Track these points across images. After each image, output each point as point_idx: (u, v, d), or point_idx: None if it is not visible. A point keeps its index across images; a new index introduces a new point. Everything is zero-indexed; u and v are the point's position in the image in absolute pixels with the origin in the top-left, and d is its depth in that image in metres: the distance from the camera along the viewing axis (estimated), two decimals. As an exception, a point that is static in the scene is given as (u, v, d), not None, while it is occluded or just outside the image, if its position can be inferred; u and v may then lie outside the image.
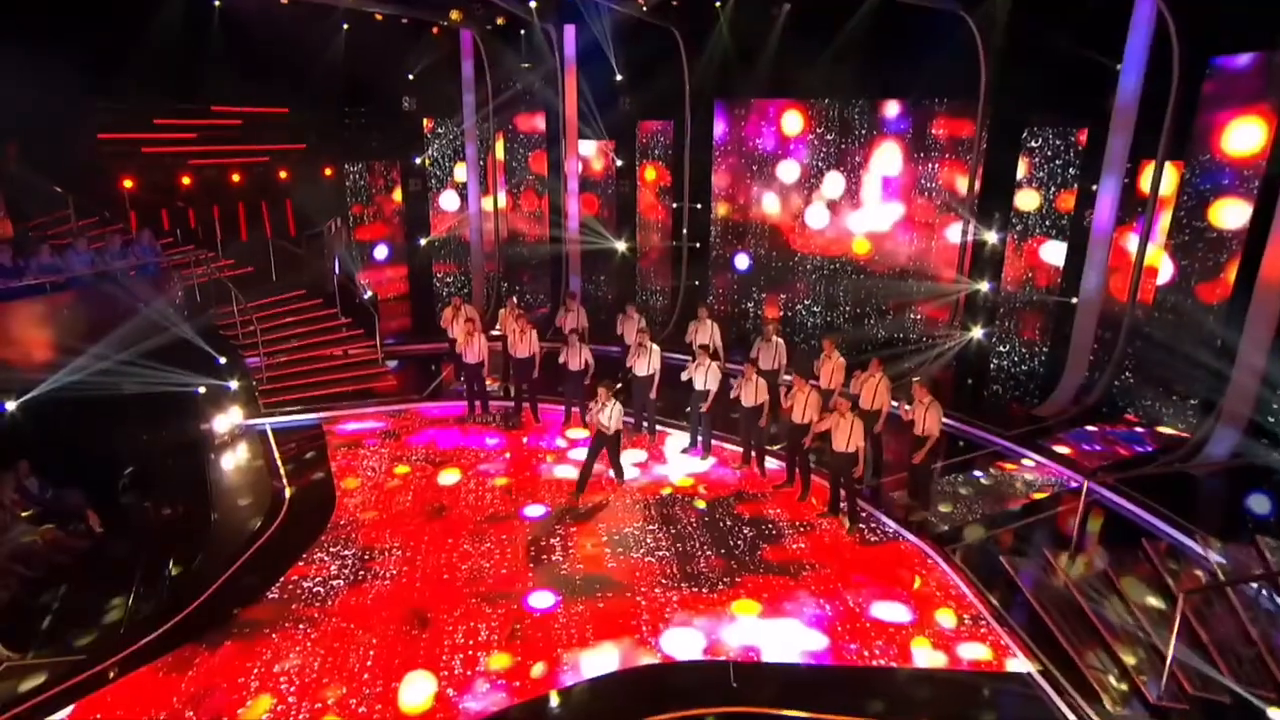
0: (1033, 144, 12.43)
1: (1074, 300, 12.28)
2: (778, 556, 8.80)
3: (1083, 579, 7.69)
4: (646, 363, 11.27)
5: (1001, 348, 13.38)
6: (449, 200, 17.43)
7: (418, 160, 16.95)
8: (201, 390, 11.82)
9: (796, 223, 15.45)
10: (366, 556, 8.79)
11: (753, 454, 10.75)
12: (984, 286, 13.36)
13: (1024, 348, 13.17)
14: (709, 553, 8.87)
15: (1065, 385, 11.81)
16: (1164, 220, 10.97)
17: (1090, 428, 11.28)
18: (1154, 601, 7.40)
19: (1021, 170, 12.59)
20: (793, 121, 15.03)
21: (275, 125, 16.38)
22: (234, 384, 12.30)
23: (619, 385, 12.92)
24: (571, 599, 8.06)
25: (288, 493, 10.10)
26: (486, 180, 16.64)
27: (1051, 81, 11.48)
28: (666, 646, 7.40)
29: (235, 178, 16.31)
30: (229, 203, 16.02)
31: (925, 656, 7.28)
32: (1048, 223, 12.56)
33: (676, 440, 11.59)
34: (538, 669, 7.12)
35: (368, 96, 16.13)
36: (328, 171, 17.03)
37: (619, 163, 16.41)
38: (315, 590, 8.20)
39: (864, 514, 9.45)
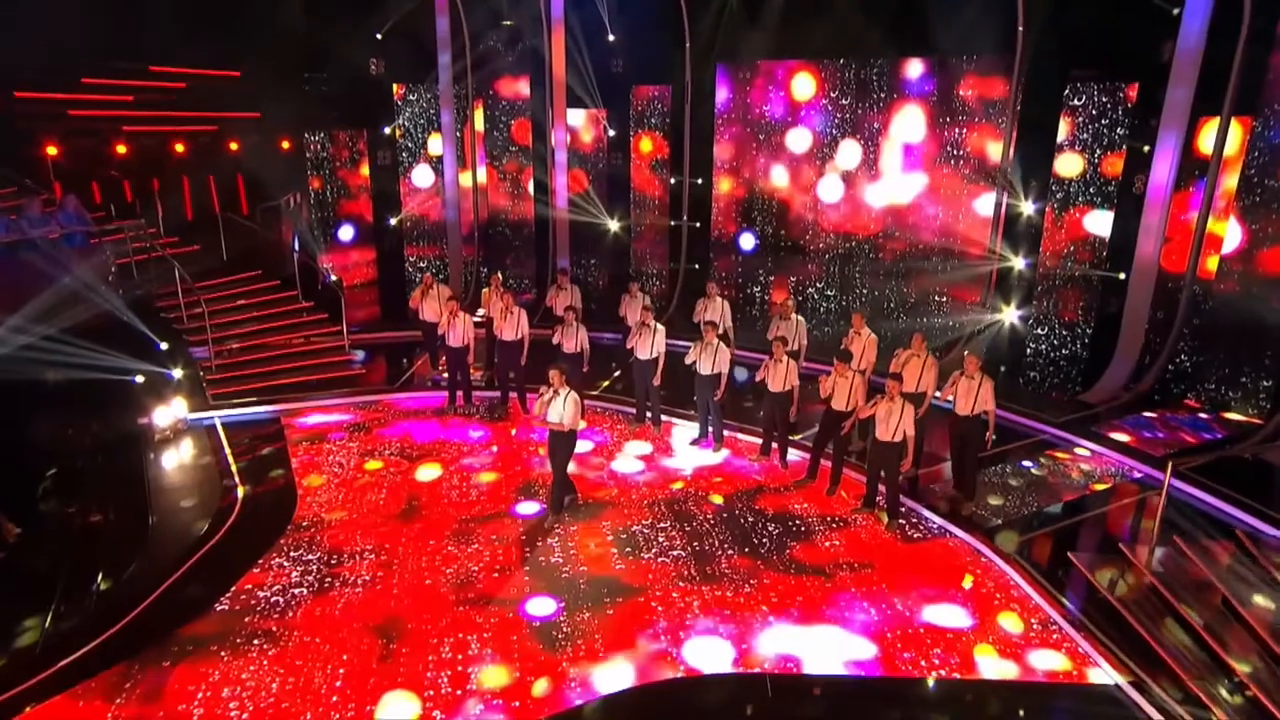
0: (1075, 102, 11.98)
1: (1121, 276, 11.81)
2: (810, 556, 8.21)
3: (1171, 577, 7.12)
4: (650, 345, 10.63)
5: (1039, 330, 12.89)
6: (422, 175, 16.71)
7: (386, 130, 16.23)
8: (139, 379, 11.04)
9: (808, 197, 14.92)
10: (334, 561, 8.08)
11: (774, 445, 10.14)
12: (1019, 263, 12.87)
13: (1064, 330, 12.69)
14: (730, 552, 8.26)
15: (1115, 369, 11.33)
16: (1228, 183, 10.53)
17: (1148, 414, 10.80)
18: (1263, 601, 6.83)
19: (1063, 132, 12.13)
20: (804, 85, 14.52)
21: (225, 90, 15.60)
22: (177, 372, 11.54)
23: (618, 372, 12.31)
24: (576, 605, 7.41)
25: (240, 492, 9.40)
26: (464, 153, 15.95)
27: (1098, 31, 11.04)
28: (690, 658, 6.76)
29: (179, 148, 15.52)
30: (171, 176, 15.24)
31: (992, 666, 6.68)
32: (1092, 189, 12.10)
33: (684, 432, 10.96)
34: (540, 686, 6.43)
35: (330, 59, 15.35)
36: (285, 144, 16.25)
37: (611, 133, 15.80)
38: (273, 600, 7.47)
39: (903, 508, 8.87)
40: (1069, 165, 12.21)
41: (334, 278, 15.90)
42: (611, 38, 15.13)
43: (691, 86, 14.99)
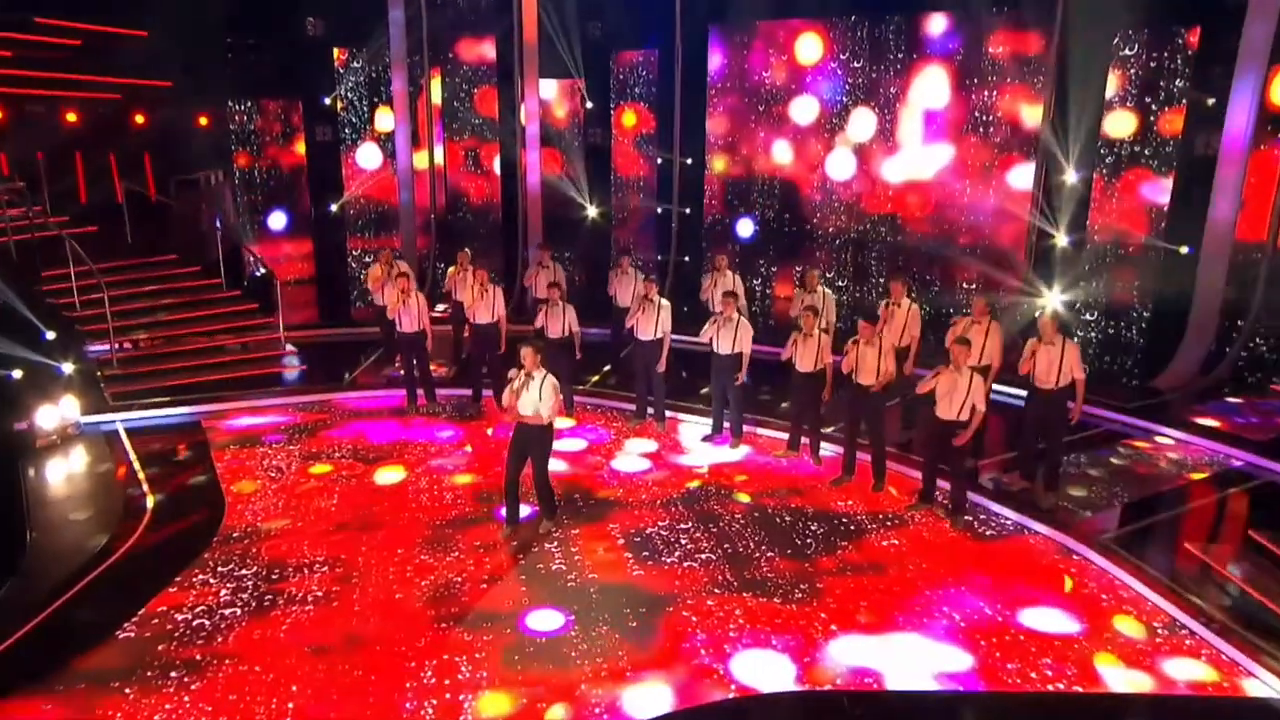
0: (1126, 51, 11.62)
1: (1183, 249, 11.35)
2: (866, 556, 7.38)
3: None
4: (653, 323, 9.78)
5: (1086, 314, 12.37)
6: (368, 155, 15.83)
7: (326, 101, 15.35)
8: (16, 374, 9.87)
9: (815, 175, 14.35)
10: (275, 576, 7.02)
11: (803, 437, 9.32)
12: (1062, 240, 12.37)
13: (1115, 314, 12.19)
14: (770, 554, 7.39)
15: (1187, 352, 10.79)
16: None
17: (1233, 399, 10.27)
18: None
19: (1112, 87, 11.75)
20: (809, 47, 14.06)
21: (129, 52, 14.54)
22: (67, 367, 10.40)
23: (607, 366, 11.41)
24: (589, 617, 6.45)
25: (150, 501, 8.32)
26: (418, 129, 15.10)
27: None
28: (741, 675, 5.83)
29: (70, 117, 14.40)
30: (62, 151, 14.09)
31: (1119, 677, 5.87)
32: (1147, 152, 11.69)
33: (693, 429, 10.09)
34: (556, 713, 5.42)
35: (259, 17, 14.45)
36: (203, 120, 15.24)
37: (589, 105, 15.13)
38: (196, 624, 6.39)
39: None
40: (1120, 124, 11.81)
41: (263, 270, 14.87)
42: (590, -6, 14.55)
43: (683, 50, 14.41)
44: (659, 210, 15.27)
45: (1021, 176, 12.80)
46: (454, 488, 8.64)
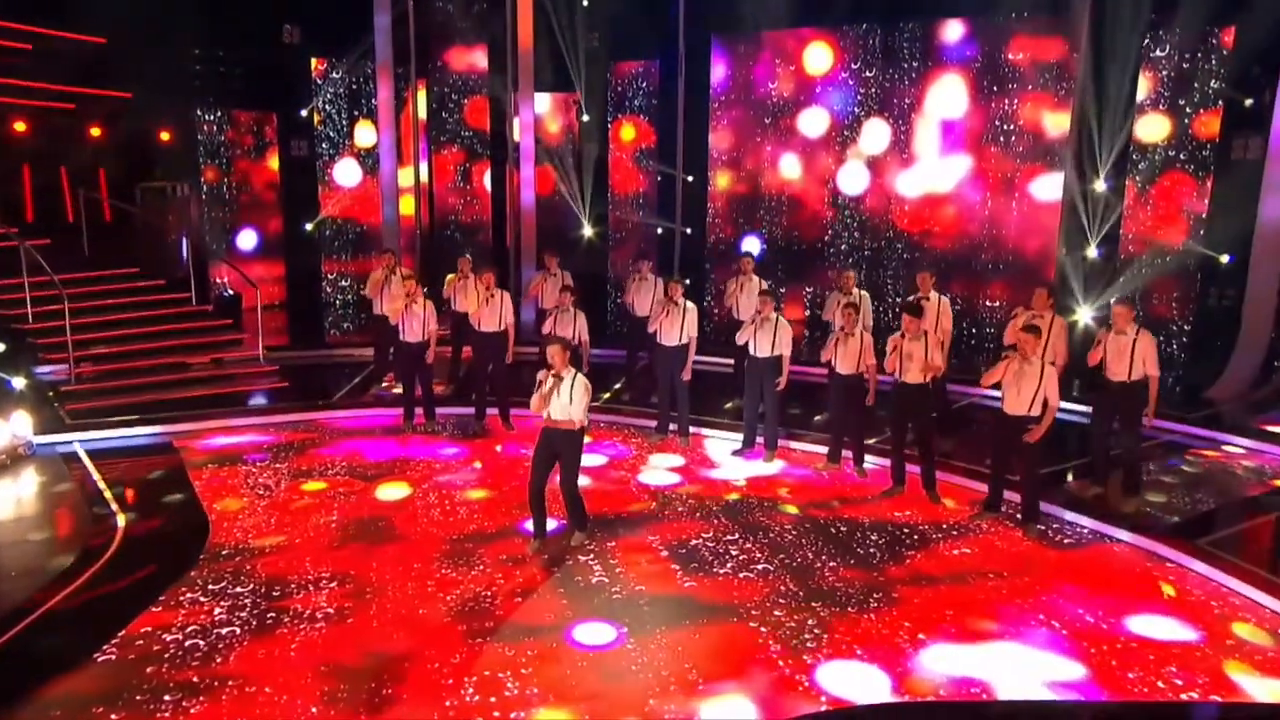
0: (1157, 52, 11.66)
1: (1224, 258, 11.27)
2: (940, 566, 6.94)
3: None
4: (678, 328, 9.39)
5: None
6: (347, 171, 15.40)
7: (303, 113, 14.96)
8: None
9: (826, 190, 14.19)
10: (276, 593, 6.41)
11: (844, 448, 8.91)
12: (1091, 253, 12.25)
13: (1154, 325, 12.02)
14: (833, 564, 6.92)
15: (1239, 361, 10.62)
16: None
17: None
18: None
19: (1143, 89, 11.76)
20: (818, 57, 14.00)
21: (85, 60, 14.07)
22: (18, 381, 9.77)
23: (640, 364, 10.92)
24: (643, 630, 5.92)
25: (121, 520, 7.68)
26: (402, 143, 14.72)
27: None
28: (829, 686, 5.33)
29: (19, 127, 13.87)
30: (9, 161, 13.54)
31: (1260, 687, 5.45)
32: (1182, 156, 11.67)
33: (719, 444, 9.63)
34: (627, 729, 4.87)
35: (232, 25, 14.08)
36: (164, 135, 14.74)
37: (585, 118, 14.90)
38: (190, 644, 5.74)
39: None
40: (1153, 128, 11.80)
41: (230, 292, 14.29)
42: (586, 2, 14.42)
43: (685, 61, 14.29)
44: (659, 230, 14.97)
45: (1047, 187, 12.72)
46: (467, 502, 8.08)
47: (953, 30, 13.18)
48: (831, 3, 13.43)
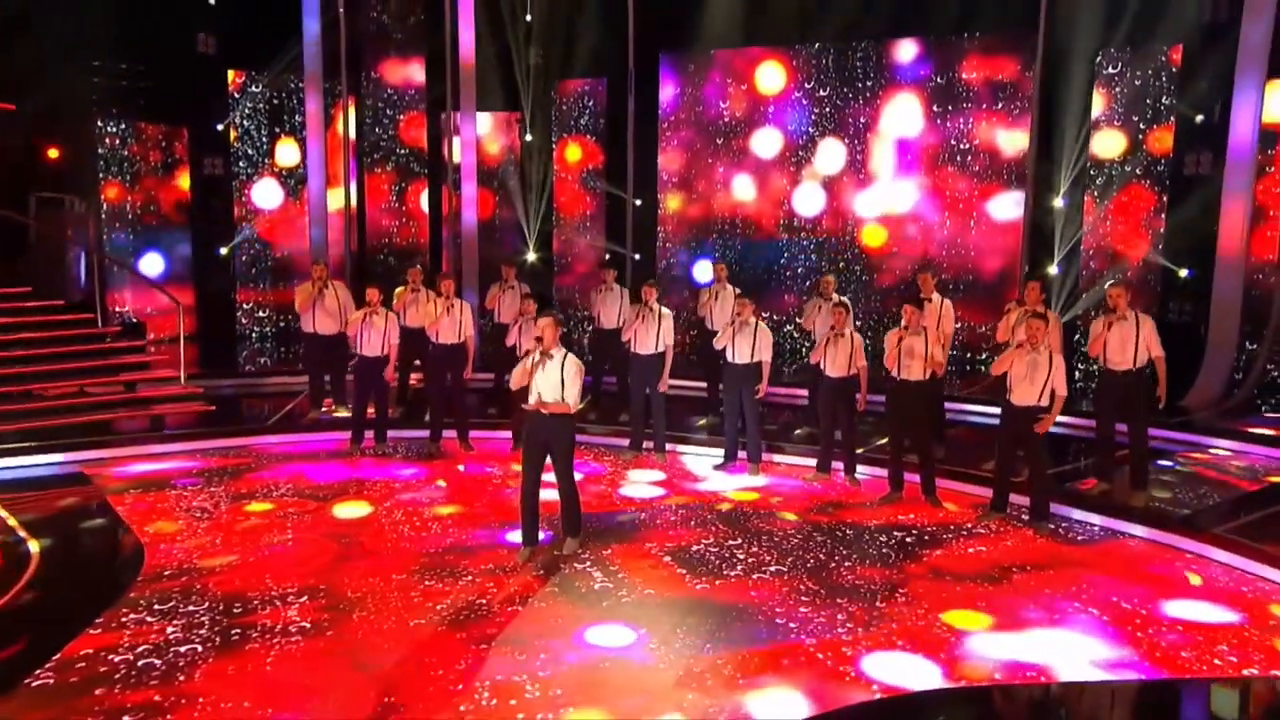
0: (1110, 70, 12.18)
1: (1183, 272, 11.71)
2: (959, 563, 6.82)
3: None
4: (653, 336, 9.20)
5: (1083, 347, 12.51)
6: (266, 192, 14.88)
7: (219, 128, 14.45)
8: None
9: (781, 212, 14.32)
10: (236, 609, 5.87)
11: (833, 457, 8.79)
12: (1053, 270, 12.59)
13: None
14: (847, 563, 6.73)
15: (1211, 367, 10.95)
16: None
17: (1271, 414, 10.44)
18: None
19: (1098, 106, 12.25)
20: (770, 76, 14.23)
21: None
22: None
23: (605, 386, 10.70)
24: (664, 630, 5.60)
25: (34, 546, 6.99)
26: (330, 161, 14.33)
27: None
28: (877, 675, 5.10)
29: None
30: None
31: (1311, 658, 5.44)
32: (1138, 171, 12.14)
33: (698, 460, 9.41)
34: (673, 724, 4.54)
35: (139, 31, 13.50)
36: (53, 153, 13.93)
37: (528, 137, 14.78)
38: (144, 664, 5.19)
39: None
40: (1109, 144, 12.27)
41: (133, 320, 13.52)
42: (529, 17, 14.41)
43: (635, 79, 14.34)
44: (607, 256, 14.83)
45: (1006, 205, 13.09)
46: (439, 518, 7.66)
47: (906, 50, 13.58)
48: (782, 22, 13.77)
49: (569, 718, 4.62)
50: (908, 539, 7.27)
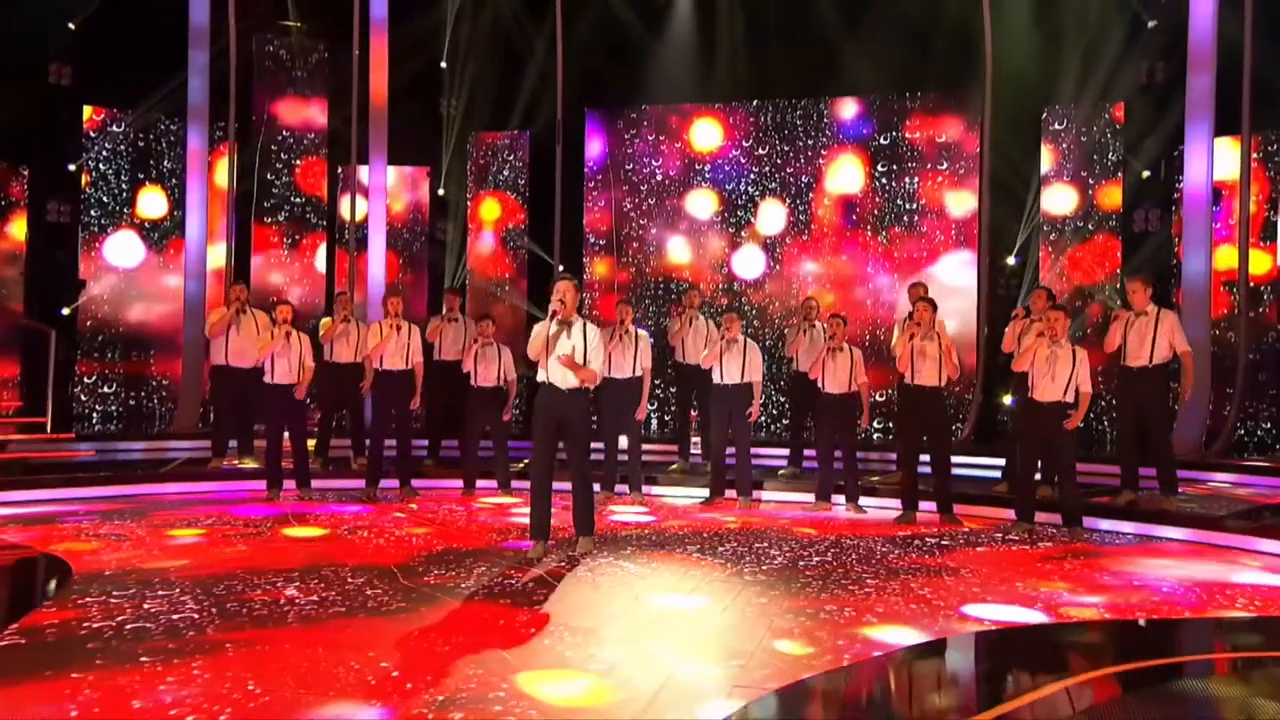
0: (1056, 126, 13.50)
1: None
2: (1004, 556, 7.09)
3: None
4: (630, 358, 9.37)
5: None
6: (123, 247, 14.39)
7: (71, 167, 14.08)
8: None
9: (720, 276, 14.90)
10: (219, 590, 5.55)
11: (834, 484, 9.03)
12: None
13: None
14: (892, 555, 6.97)
15: (1186, 418, 11.82)
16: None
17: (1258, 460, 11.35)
18: None
19: (1047, 162, 13.49)
20: (706, 133, 15.05)
21: None
22: None
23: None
24: (728, 598, 5.64)
25: None
26: (210, 204, 14.09)
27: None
28: (983, 616, 5.29)
29: None
30: None
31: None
32: (1090, 226, 13.33)
33: (677, 501, 9.46)
34: (794, 648, 4.56)
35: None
36: None
37: (440, 191, 15.03)
38: (134, 628, 4.82)
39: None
40: (1060, 200, 13.46)
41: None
42: (444, 64, 14.90)
43: (560, 132, 14.91)
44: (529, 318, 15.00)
45: (955, 266, 14.04)
46: (416, 535, 7.42)
47: (848, 108, 14.68)
48: (715, 79, 14.71)
49: (679, 674, 4.54)
50: (944, 542, 7.51)
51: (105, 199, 14.51)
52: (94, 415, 14.37)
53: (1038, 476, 8.36)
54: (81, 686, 3.93)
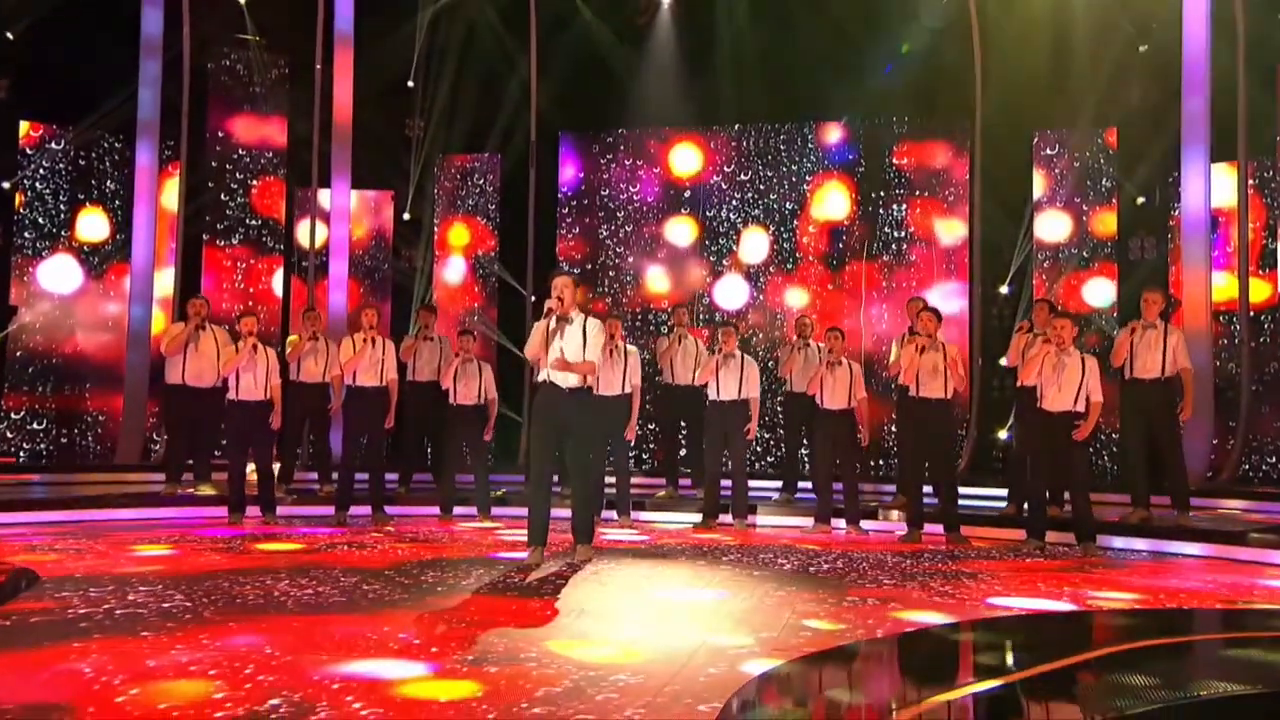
0: (1048, 151, 13.96)
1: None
2: (1021, 566, 7.23)
3: None
4: (620, 374, 9.51)
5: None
6: (59, 272, 14.33)
7: (5, 186, 14.07)
8: None
9: (701, 306, 15.13)
10: (206, 583, 5.55)
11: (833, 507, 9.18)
12: (1004, 361, 13.79)
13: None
14: (906, 562, 7.13)
15: (1188, 447, 12.12)
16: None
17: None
18: None
19: (1039, 188, 13.91)
20: (685, 158, 15.37)
21: None
22: None
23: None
24: (748, 591, 5.74)
25: None
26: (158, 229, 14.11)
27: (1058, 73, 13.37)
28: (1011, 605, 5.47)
29: None
30: None
31: None
32: (1084, 254, 13.74)
33: (668, 526, 9.55)
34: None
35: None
36: None
37: (405, 216, 15.18)
38: (124, 614, 4.83)
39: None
40: (1053, 227, 13.87)
41: None
42: (411, 83, 15.13)
43: (536, 155, 15.17)
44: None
45: (945, 295, 14.35)
46: (401, 548, 7.43)
47: (833, 133, 15.08)
48: (695, 103, 15.05)
49: (712, 641, 4.64)
50: (956, 554, 7.67)
51: (41, 220, 14.43)
52: (20, 453, 14.18)
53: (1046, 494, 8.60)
54: (87, 652, 3.96)
